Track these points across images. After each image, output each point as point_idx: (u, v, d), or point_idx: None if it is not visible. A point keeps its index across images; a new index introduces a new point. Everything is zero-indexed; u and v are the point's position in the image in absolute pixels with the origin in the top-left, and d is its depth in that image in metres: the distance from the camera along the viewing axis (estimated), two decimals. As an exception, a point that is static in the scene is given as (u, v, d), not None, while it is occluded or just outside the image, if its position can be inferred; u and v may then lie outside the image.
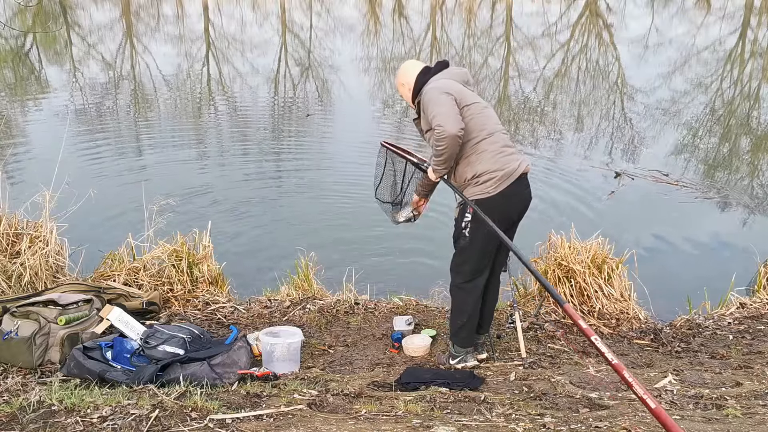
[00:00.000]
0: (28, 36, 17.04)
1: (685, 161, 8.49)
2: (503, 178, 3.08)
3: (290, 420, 2.51)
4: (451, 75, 3.19)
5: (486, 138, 3.09)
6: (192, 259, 4.46)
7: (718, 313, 4.29)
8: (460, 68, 3.27)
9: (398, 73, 3.31)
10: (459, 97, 3.05)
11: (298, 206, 6.74)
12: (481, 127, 3.09)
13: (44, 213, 4.40)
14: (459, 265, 3.30)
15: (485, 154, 3.07)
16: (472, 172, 3.09)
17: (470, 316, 3.35)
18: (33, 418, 2.48)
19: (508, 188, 3.09)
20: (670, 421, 2.04)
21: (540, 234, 4.62)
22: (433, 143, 3.02)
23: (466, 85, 3.20)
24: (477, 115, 3.10)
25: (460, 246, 3.24)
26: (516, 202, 3.21)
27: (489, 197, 3.08)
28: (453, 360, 3.46)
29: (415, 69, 3.24)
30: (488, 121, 3.13)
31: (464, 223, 3.16)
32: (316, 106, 11.81)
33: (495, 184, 3.07)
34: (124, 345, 3.38)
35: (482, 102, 3.20)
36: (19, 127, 9.43)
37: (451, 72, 3.21)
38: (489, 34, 21.40)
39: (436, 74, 3.19)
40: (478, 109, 3.12)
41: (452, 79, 3.15)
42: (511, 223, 3.26)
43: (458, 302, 3.36)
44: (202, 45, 18.72)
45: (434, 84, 3.11)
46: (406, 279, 4.79)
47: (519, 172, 3.13)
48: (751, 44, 19.32)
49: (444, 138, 2.93)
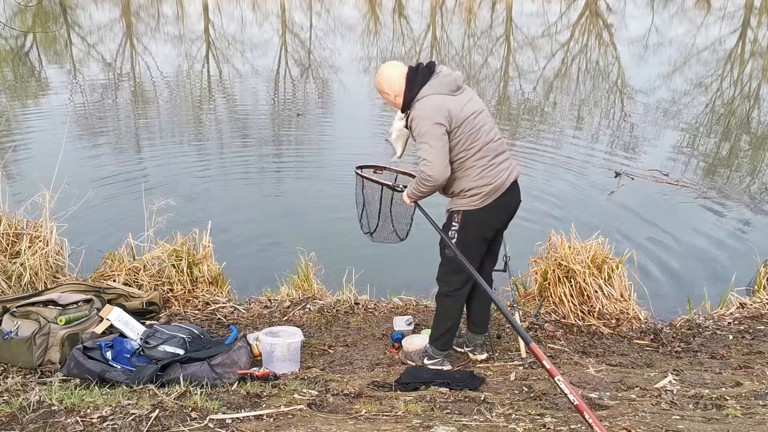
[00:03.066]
0: (28, 36, 17.04)
1: (685, 161, 8.49)
2: (490, 193, 3.06)
3: (290, 420, 2.51)
4: (440, 87, 2.99)
5: (474, 155, 3.02)
6: (192, 259, 4.46)
7: (718, 313, 4.29)
8: (449, 73, 3.04)
9: (379, 80, 3.09)
10: (450, 121, 2.94)
11: (298, 206, 6.74)
12: (470, 145, 3.01)
13: (44, 213, 4.40)
14: (447, 275, 3.30)
15: (473, 170, 3.04)
16: (460, 188, 3.08)
17: (454, 323, 3.38)
18: (33, 418, 2.48)
19: (497, 200, 3.09)
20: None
21: (540, 234, 4.61)
22: (418, 179, 3.03)
23: (456, 92, 3.03)
24: (467, 134, 2.99)
25: (447, 255, 3.24)
26: (503, 212, 3.20)
27: (476, 209, 3.09)
28: (429, 360, 3.46)
29: (399, 76, 3.02)
30: (479, 134, 3.02)
31: (451, 232, 3.16)
32: (316, 105, 11.82)
33: (481, 198, 3.07)
34: (124, 345, 3.38)
35: (474, 107, 3.04)
36: (19, 127, 9.42)
37: (441, 82, 3.00)
38: (489, 34, 21.40)
39: (425, 83, 2.99)
40: (469, 125, 2.99)
41: (441, 93, 2.98)
42: (498, 230, 3.28)
43: (445, 309, 3.36)
44: (202, 45, 18.73)
45: (425, 104, 2.96)
46: (406, 279, 4.79)
47: (507, 185, 3.09)
48: (751, 44, 19.33)
49: (429, 182, 2.97)
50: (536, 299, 4.32)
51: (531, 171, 7.76)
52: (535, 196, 6.89)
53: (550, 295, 4.25)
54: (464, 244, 3.13)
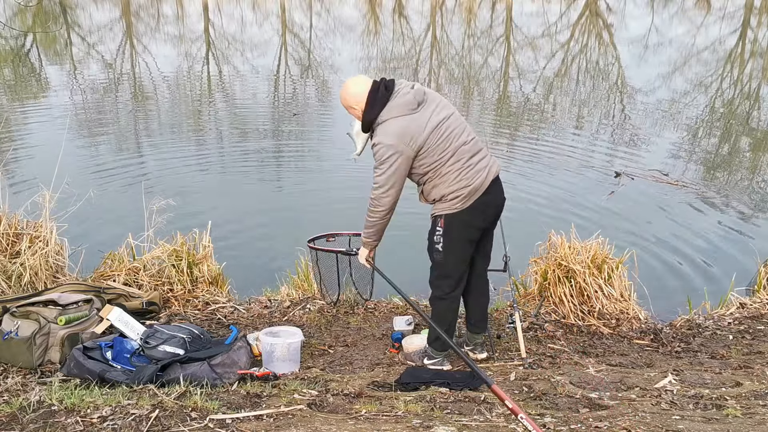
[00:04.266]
0: (28, 36, 17.04)
1: (685, 161, 8.49)
2: (470, 194, 3.06)
3: (290, 420, 2.51)
4: (399, 108, 2.95)
5: (448, 161, 3.02)
6: (192, 259, 4.46)
7: (718, 313, 4.29)
8: (407, 92, 2.98)
9: (345, 96, 3.09)
10: (414, 143, 2.94)
11: (298, 206, 6.74)
12: (441, 153, 3.00)
13: (44, 213, 4.40)
14: (437, 279, 3.31)
15: (449, 175, 3.04)
16: (440, 194, 3.09)
17: (450, 324, 3.37)
18: (33, 418, 2.48)
19: (477, 200, 3.08)
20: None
21: (540, 234, 4.61)
22: (369, 207, 3.08)
23: (417, 108, 2.97)
24: (435, 146, 2.98)
25: (435, 260, 3.26)
26: (487, 211, 3.17)
27: (457, 212, 3.09)
28: (429, 360, 3.47)
29: (364, 91, 3.00)
30: (449, 140, 3.00)
31: (436, 237, 3.17)
32: (316, 105, 11.81)
33: (462, 201, 3.06)
34: (124, 345, 3.38)
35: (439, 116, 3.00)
36: (19, 127, 9.42)
37: (399, 104, 2.96)
38: (489, 34, 21.41)
39: (384, 105, 2.96)
40: (435, 138, 2.97)
41: (402, 115, 2.94)
42: (484, 229, 3.25)
43: (439, 312, 3.37)
44: (202, 45, 18.73)
45: (386, 129, 2.95)
46: (406, 279, 4.78)
47: (486, 184, 3.08)
48: (751, 44, 19.33)
49: (378, 208, 3.05)
50: (536, 299, 4.32)
51: (531, 171, 7.76)
52: (535, 196, 6.89)
53: (550, 295, 4.25)
54: (450, 247, 3.14)
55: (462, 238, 3.16)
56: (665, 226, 6.26)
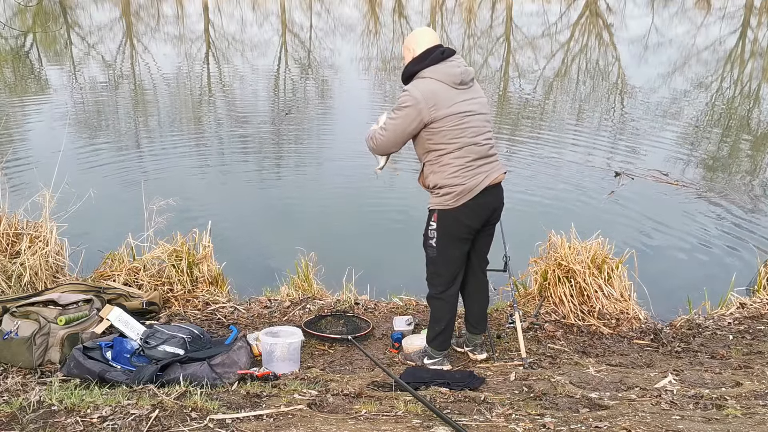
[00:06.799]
0: (28, 36, 17.05)
1: (685, 161, 8.49)
2: (463, 193, 3.06)
3: (290, 420, 2.51)
4: (442, 75, 3.03)
5: (453, 152, 3.03)
6: (192, 259, 4.46)
7: (718, 313, 4.29)
8: (457, 67, 3.07)
9: (409, 38, 3.18)
10: (435, 110, 2.97)
11: (298, 206, 6.74)
12: (451, 140, 3.01)
13: (44, 213, 4.40)
14: (432, 276, 3.32)
15: (448, 168, 3.05)
16: (435, 182, 3.11)
17: (448, 324, 3.37)
18: (33, 418, 2.48)
19: (471, 200, 3.08)
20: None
21: (540, 234, 4.61)
22: (372, 135, 3.19)
23: (459, 86, 3.05)
24: (450, 129, 3.00)
25: (429, 256, 3.26)
26: (480, 212, 3.16)
27: (449, 209, 3.10)
28: (429, 360, 3.47)
29: (427, 42, 3.11)
30: (463, 134, 3.02)
31: (430, 231, 3.18)
32: (316, 105, 11.81)
33: (454, 198, 3.07)
34: (124, 345, 3.38)
35: (469, 107, 3.05)
36: (19, 127, 9.42)
37: (444, 71, 3.04)
38: (489, 34, 21.41)
39: (432, 66, 3.05)
40: (454, 121, 3.00)
41: (441, 81, 3.02)
42: (475, 231, 3.23)
43: (436, 311, 3.37)
44: (202, 45, 18.73)
45: (420, 86, 3.02)
46: (406, 279, 4.79)
47: (483, 186, 3.07)
48: (751, 44, 19.34)
49: (373, 144, 3.18)
50: (536, 299, 4.32)
51: (531, 171, 7.76)
52: (534, 196, 6.89)
53: (550, 295, 4.25)
54: (443, 242, 3.16)
55: (453, 236, 3.17)
56: (665, 226, 6.26)
